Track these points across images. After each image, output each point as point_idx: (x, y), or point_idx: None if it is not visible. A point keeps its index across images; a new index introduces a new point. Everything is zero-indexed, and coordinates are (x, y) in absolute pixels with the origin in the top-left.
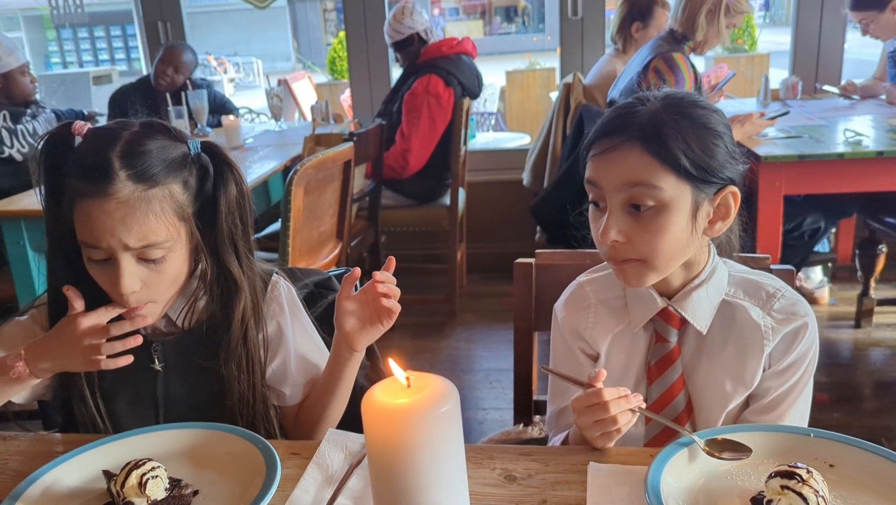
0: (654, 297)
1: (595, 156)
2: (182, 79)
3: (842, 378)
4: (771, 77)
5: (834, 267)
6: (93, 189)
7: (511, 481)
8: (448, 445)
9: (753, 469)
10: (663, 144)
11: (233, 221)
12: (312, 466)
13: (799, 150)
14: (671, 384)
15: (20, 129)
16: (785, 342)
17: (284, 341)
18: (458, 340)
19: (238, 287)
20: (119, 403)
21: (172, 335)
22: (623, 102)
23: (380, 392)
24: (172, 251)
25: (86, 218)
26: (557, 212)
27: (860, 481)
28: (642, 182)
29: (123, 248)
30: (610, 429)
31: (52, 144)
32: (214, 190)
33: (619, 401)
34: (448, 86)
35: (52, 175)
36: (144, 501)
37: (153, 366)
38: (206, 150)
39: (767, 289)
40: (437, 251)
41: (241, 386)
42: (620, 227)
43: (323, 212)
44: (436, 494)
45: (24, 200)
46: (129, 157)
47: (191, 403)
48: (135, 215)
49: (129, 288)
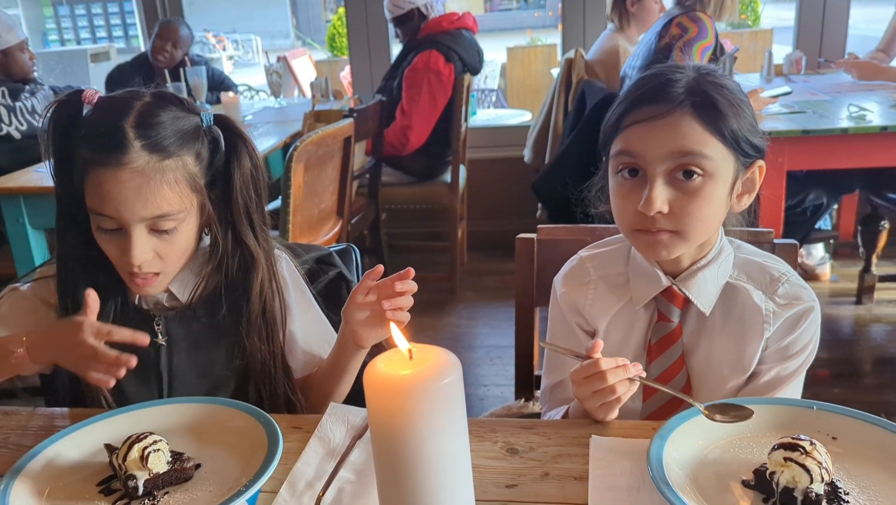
0: (659, 275)
1: (635, 125)
2: (180, 54)
3: (843, 354)
4: (774, 53)
5: (835, 244)
6: (106, 158)
7: (513, 454)
8: (451, 416)
9: (756, 442)
10: (716, 112)
11: (247, 194)
12: (314, 440)
13: (802, 126)
14: (671, 364)
15: (18, 106)
16: (785, 326)
17: (290, 314)
18: (458, 318)
19: (255, 259)
20: (123, 377)
21: (174, 310)
22: (654, 71)
23: (382, 363)
24: (184, 223)
25: (98, 188)
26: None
27: (863, 454)
28: (693, 151)
29: (137, 219)
30: (609, 399)
31: (61, 112)
32: (227, 163)
33: (617, 370)
34: (448, 61)
35: (61, 142)
36: (146, 474)
37: (156, 340)
38: (219, 122)
39: (772, 273)
40: (438, 229)
41: (263, 356)
42: (666, 197)
43: (323, 189)
44: (438, 465)
45: (23, 177)
46: (143, 127)
47: (194, 377)
48: (149, 186)
49: (139, 258)
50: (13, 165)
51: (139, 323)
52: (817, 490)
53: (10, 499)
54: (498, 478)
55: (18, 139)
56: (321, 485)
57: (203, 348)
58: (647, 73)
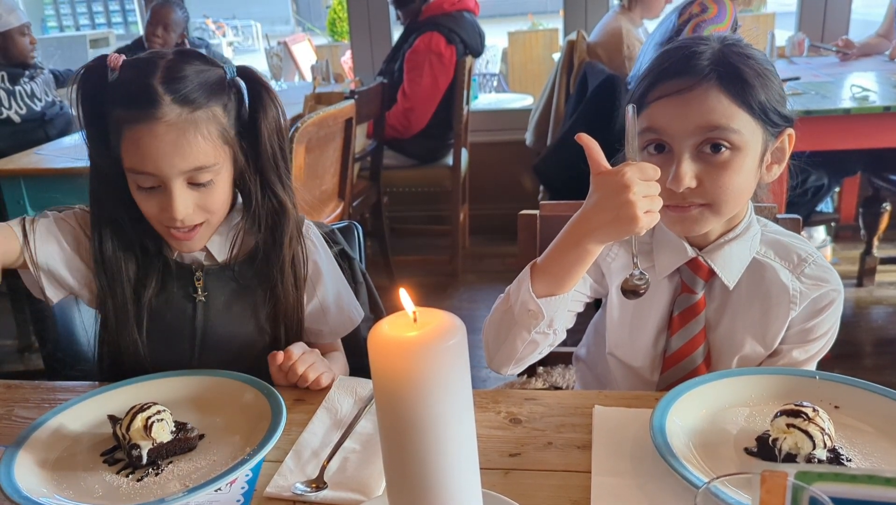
0: (685, 246)
1: (660, 99)
2: (174, 37)
3: (844, 336)
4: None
5: (837, 226)
6: (140, 114)
7: (516, 424)
8: (455, 378)
9: (758, 411)
10: (743, 84)
11: (274, 144)
12: (322, 410)
13: (805, 106)
14: (693, 336)
15: (18, 90)
16: (810, 308)
17: (322, 278)
18: (460, 301)
19: (284, 208)
20: (156, 333)
21: (215, 265)
22: (677, 44)
23: (387, 326)
24: (219, 175)
25: (136, 145)
26: (562, 170)
27: (866, 422)
28: (721, 125)
29: (176, 173)
30: (628, 211)
31: (88, 79)
32: (253, 113)
33: (647, 185)
34: (450, 43)
35: (92, 107)
36: (150, 443)
37: (195, 296)
38: (242, 74)
39: (799, 252)
40: (440, 212)
41: (291, 303)
42: (694, 171)
43: (324, 170)
44: (443, 428)
45: (23, 159)
46: (170, 81)
47: (227, 334)
48: (185, 137)
49: (182, 213)
50: (13, 149)
51: (181, 278)
52: (820, 456)
53: (14, 469)
54: (501, 447)
55: (18, 122)
56: (326, 454)
57: (238, 306)
58: (670, 46)
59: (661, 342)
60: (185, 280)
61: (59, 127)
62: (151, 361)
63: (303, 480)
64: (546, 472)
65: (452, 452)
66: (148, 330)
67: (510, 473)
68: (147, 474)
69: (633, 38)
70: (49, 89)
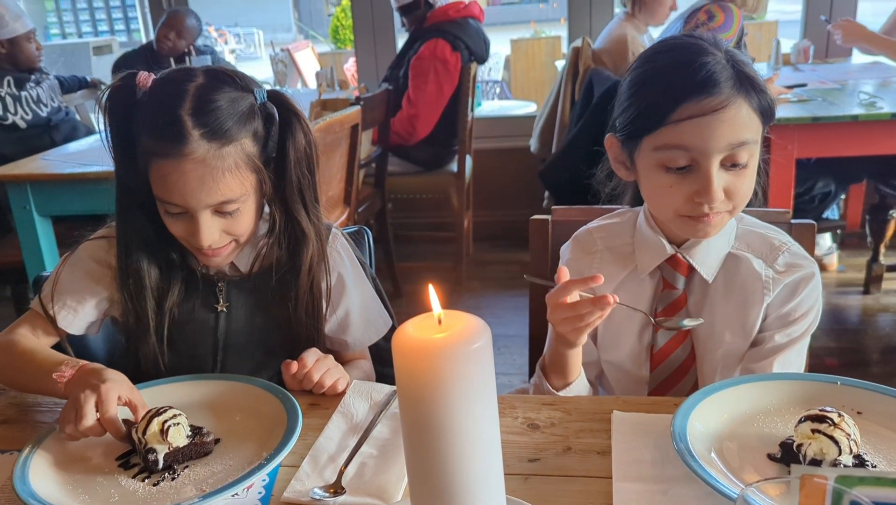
0: (664, 243)
1: (690, 119)
2: (184, 44)
3: (850, 344)
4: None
5: (843, 234)
6: (168, 149)
7: (534, 429)
8: (481, 381)
9: (779, 416)
10: (760, 94)
11: (301, 171)
12: (337, 415)
13: (812, 113)
14: (677, 332)
15: (24, 95)
16: (784, 293)
17: (346, 291)
18: (464, 308)
19: (305, 236)
20: (177, 343)
21: (237, 276)
22: (685, 59)
23: (411, 328)
24: (246, 203)
25: (164, 179)
26: (567, 175)
27: (890, 428)
28: (748, 139)
29: (202, 207)
30: (578, 324)
31: (116, 98)
32: (282, 139)
33: (584, 301)
34: (455, 50)
35: (120, 128)
36: (166, 447)
37: (217, 306)
38: (273, 98)
39: (773, 242)
40: (444, 219)
41: (308, 331)
42: (723, 185)
43: (331, 176)
44: (467, 431)
45: (29, 165)
46: (200, 114)
47: (249, 345)
48: (212, 175)
49: (208, 240)
50: (19, 154)
51: (202, 289)
52: (845, 462)
53: (29, 474)
54: (520, 452)
55: (24, 128)
56: (343, 459)
57: (259, 318)
58: (677, 57)
59: (647, 338)
60: (208, 290)
61: (64, 132)
62: (171, 372)
63: (321, 485)
64: (566, 477)
65: (477, 456)
66: (168, 340)
67: (530, 479)
68: (163, 479)
69: (638, 44)
70: (55, 95)
